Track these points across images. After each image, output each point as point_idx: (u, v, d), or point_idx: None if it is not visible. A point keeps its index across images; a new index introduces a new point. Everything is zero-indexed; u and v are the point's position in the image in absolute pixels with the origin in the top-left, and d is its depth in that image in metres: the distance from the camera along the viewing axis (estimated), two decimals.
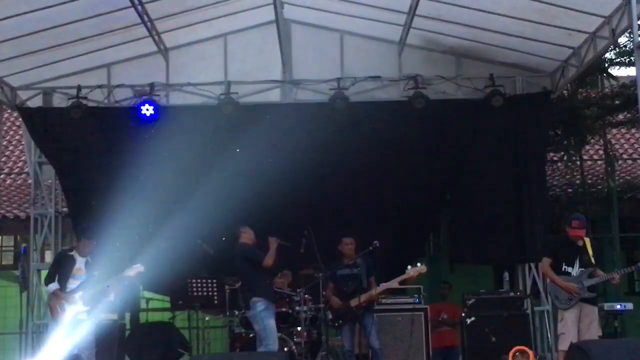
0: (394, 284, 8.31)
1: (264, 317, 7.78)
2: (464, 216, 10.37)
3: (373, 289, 8.21)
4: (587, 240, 7.69)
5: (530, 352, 7.96)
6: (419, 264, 8.32)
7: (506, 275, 10.32)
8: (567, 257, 7.59)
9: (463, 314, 9.41)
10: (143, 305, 10.57)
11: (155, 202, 10.12)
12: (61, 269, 7.64)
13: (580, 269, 7.53)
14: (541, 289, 9.76)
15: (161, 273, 10.28)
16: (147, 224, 10.13)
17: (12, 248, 13.92)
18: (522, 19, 8.78)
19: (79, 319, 7.47)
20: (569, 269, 7.55)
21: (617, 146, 14.89)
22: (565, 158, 13.12)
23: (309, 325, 8.61)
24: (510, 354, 7.91)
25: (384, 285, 8.29)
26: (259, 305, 7.80)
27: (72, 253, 7.73)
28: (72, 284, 7.55)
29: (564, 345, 7.32)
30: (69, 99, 9.98)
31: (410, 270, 8.23)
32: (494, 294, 9.83)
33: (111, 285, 7.74)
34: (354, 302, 8.05)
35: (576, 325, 7.46)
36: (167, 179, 10.15)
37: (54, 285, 7.54)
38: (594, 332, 7.44)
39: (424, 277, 8.64)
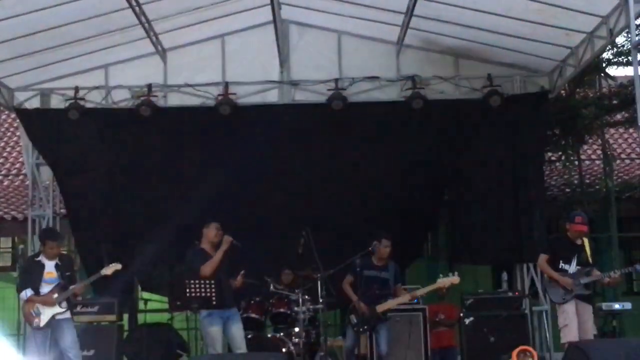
0: (422, 292, 8.22)
1: (205, 324, 7.63)
2: (462, 216, 10.37)
3: (402, 296, 8.11)
4: (586, 240, 7.71)
5: (534, 352, 7.95)
6: (451, 274, 8.06)
7: (504, 275, 10.33)
8: (565, 255, 7.62)
9: (461, 314, 9.41)
10: (141, 306, 10.55)
11: (152, 203, 10.12)
12: (31, 276, 7.51)
13: (578, 267, 7.55)
14: (540, 289, 9.77)
15: (159, 274, 10.31)
16: (145, 224, 10.12)
17: (10, 249, 13.91)
18: (520, 19, 8.78)
19: (58, 320, 7.42)
20: (566, 267, 7.58)
21: (615, 146, 14.91)
22: (563, 158, 13.13)
23: (307, 326, 8.59)
24: (514, 353, 7.90)
25: (410, 293, 8.18)
26: (203, 312, 7.66)
27: (39, 258, 7.59)
28: (44, 288, 7.43)
29: (569, 337, 7.35)
30: (66, 100, 9.98)
31: (444, 280, 7.99)
32: (492, 294, 9.85)
33: (80, 284, 7.70)
34: (380, 308, 7.98)
35: (576, 319, 7.48)
36: (165, 179, 10.15)
37: (28, 292, 7.41)
38: (589, 329, 7.47)
39: (422, 278, 8.63)
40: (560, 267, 7.60)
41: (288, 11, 9.82)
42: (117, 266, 7.69)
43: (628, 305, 9.62)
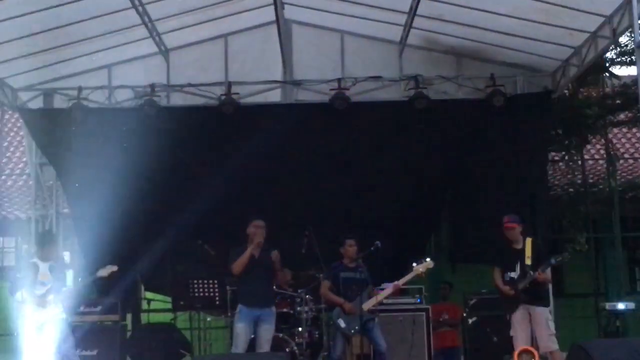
0: (402, 282, 8.23)
1: (236, 320, 7.76)
2: (465, 216, 10.37)
3: (382, 293, 8.12)
4: (529, 242, 7.70)
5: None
6: (426, 259, 8.13)
7: (507, 275, 10.29)
8: (508, 263, 7.67)
9: (464, 314, 9.40)
10: (144, 306, 10.57)
11: (156, 203, 10.12)
12: (26, 277, 7.49)
13: (519, 273, 7.58)
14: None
15: (162, 274, 10.32)
16: (148, 224, 10.13)
17: (14, 249, 13.93)
18: (523, 18, 8.77)
19: (54, 321, 7.43)
20: (512, 274, 7.65)
21: (618, 145, 14.91)
22: (566, 157, 13.14)
23: (310, 326, 8.59)
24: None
25: (389, 286, 8.22)
26: (238, 307, 7.78)
27: (34, 260, 7.63)
28: (39, 290, 7.44)
29: (517, 346, 7.54)
30: (69, 100, 9.97)
31: (419, 267, 8.05)
32: (495, 294, 9.83)
33: (77, 285, 7.77)
34: (367, 305, 7.96)
35: (524, 326, 7.63)
36: (168, 179, 10.15)
37: (23, 293, 7.40)
38: (544, 333, 7.55)
39: (425, 278, 8.61)
40: (505, 276, 7.66)
41: (291, 11, 9.82)
42: (113, 268, 7.75)
43: (632, 305, 9.61)
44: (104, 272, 7.71)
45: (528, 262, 7.60)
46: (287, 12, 9.63)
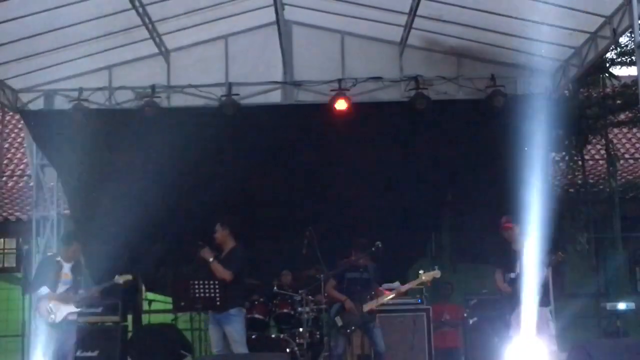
0: (406, 288, 8.27)
1: None
2: (466, 216, 10.37)
3: (384, 294, 8.19)
4: (529, 241, 7.75)
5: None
6: (435, 268, 8.19)
7: (508, 276, 10.30)
8: (508, 264, 7.70)
9: (465, 315, 9.40)
10: (145, 307, 10.58)
11: (156, 204, 10.13)
12: (48, 275, 7.65)
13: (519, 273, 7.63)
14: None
15: (163, 275, 10.33)
16: (149, 224, 10.13)
17: (15, 250, 13.95)
18: (523, 19, 8.78)
19: (69, 320, 7.53)
20: (512, 275, 7.66)
21: (618, 146, 14.93)
22: (566, 158, 13.14)
23: (310, 327, 8.60)
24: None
25: (395, 290, 8.25)
26: None
27: (58, 259, 7.77)
28: (60, 288, 7.60)
29: (515, 346, 7.56)
30: (70, 101, 9.98)
31: (424, 275, 8.12)
32: (495, 295, 9.83)
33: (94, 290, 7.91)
34: (367, 307, 8.00)
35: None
36: (169, 180, 10.15)
37: (45, 289, 7.57)
38: (545, 332, 7.53)
39: (430, 285, 8.63)
40: (506, 277, 7.70)
41: (291, 12, 9.82)
42: (128, 277, 7.89)
43: (632, 305, 9.61)
44: (120, 279, 7.87)
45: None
46: (287, 13, 9.63)
